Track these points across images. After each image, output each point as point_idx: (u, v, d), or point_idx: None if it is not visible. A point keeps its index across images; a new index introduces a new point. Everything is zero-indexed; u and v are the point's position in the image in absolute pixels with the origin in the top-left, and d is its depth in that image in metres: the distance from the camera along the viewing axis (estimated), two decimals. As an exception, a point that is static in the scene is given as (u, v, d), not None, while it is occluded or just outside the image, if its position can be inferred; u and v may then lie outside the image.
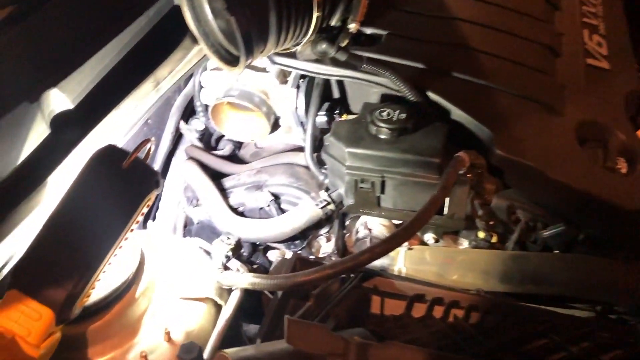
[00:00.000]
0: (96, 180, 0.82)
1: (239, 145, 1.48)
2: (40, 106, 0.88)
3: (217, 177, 1.36)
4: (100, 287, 0.81)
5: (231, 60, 1.02)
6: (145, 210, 0.82)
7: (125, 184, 0.82)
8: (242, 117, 1.32)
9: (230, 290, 1.02)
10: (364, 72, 1.16)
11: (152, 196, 0.84)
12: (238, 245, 1.07)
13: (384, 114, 1.11)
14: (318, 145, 1.24)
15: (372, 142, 1.06)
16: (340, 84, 1.34)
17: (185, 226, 1.39)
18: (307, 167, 1.28)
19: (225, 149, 1.47)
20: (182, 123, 1.46)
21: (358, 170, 1.06)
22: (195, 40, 1.05)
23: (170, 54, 1.04)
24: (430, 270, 1.04)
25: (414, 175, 1.03)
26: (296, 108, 1.31)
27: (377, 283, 0.93)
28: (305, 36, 1.11)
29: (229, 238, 1.07)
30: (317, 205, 1.20)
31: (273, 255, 1.34)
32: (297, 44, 1.13)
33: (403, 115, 1.06)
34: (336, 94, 1.35)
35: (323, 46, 1.12)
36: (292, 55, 1.24)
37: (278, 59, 1.27)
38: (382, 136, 1.06)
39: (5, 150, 0.87)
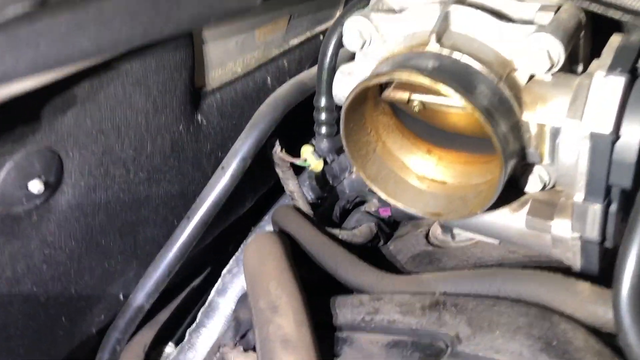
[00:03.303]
0: None
1: (388, 227, 0.77)
2: None
3: (320, 288, 0.63)
4: None
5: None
6: None
7: None
8: (423, 157, 0.57)
9: None
10: None
11: None
12: None
13: None
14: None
15: None
16: None
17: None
18: (598, 332, 0.47)
19: (360, 229, 0.73)
20: (277, 147, 0.71)
21: None
22: None
23: None
24: None
25: None
26: (613, 140, 0.42)
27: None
28: None
29: None
30: None
31: None
32: None
33: None
34: None
35: None
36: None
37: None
38: None
39: None
